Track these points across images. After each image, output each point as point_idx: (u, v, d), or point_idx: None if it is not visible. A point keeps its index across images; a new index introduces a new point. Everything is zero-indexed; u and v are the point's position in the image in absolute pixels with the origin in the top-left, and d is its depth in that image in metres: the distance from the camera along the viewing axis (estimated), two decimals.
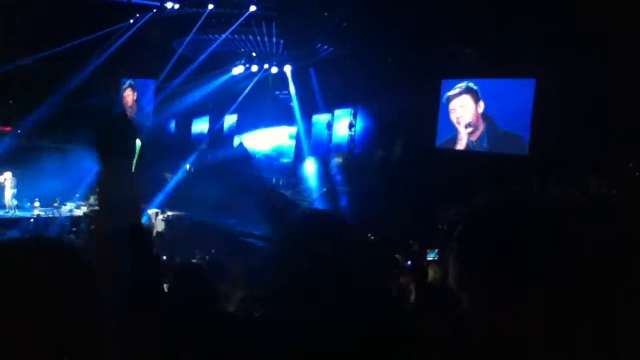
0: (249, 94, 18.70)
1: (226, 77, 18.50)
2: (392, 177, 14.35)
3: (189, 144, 20.32)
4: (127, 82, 20.74)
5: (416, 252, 9.58)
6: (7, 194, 15.67)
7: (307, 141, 17.83)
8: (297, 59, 16.57)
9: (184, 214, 15.65)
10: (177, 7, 15.56)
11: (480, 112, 13.96)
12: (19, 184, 15.64)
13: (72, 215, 15.39)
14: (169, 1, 15.55)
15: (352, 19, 14.27)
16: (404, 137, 15.20)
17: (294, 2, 14.16)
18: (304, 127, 17.87)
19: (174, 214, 15.71)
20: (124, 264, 1.20)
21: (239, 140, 19.27)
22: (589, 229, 1.28)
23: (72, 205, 16.07)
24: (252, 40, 16.35)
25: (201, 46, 17.02)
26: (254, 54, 17.84)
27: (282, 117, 18.62)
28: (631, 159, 10.64)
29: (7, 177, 15.55)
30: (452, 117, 14.41)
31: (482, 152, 13.93)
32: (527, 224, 1.21)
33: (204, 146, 20.08)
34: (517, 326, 1.12)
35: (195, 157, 19.19)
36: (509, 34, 11.76)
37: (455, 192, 10.53)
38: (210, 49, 16.84)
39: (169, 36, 17.08)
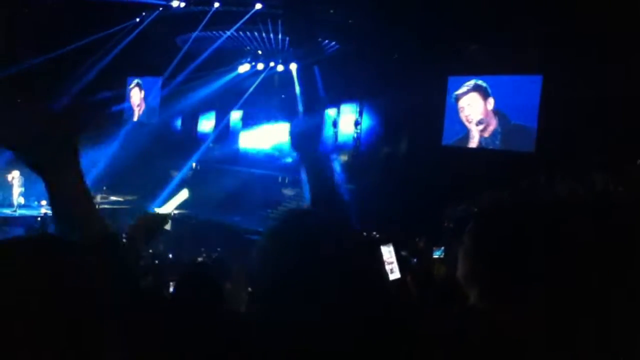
0: (254, 91, 18.71)
1: (232, 75, 18.52)
2: (398, 175, 14.32)
3: (195, 141, 20.34)
4: (134, 81, 20.78)
5: (422, 250, 9.54)
6: (14, 193, 15.89)
7: None
8: (302, 56, 16.53)
9: (190, 212, 15.67)
10: (183, 5, 15.56)
11: (490, 108, 13.90)
12: (27, 183, 15.73)
13: None
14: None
15: (358, 16, 14.23)
16: (410, 135, 15.16)
17: None
18: None
19: (180, 212, 15.72)
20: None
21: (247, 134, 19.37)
22: (594, 227, 1.28)
23: None
24: (258, 37, 16.34)
25: (207, 44, 17.03)
26: (259, 52, 17.84)
27: (288, 113, 18.58)
28: (638, 156, 10.57)
29: (15, 175, 15.68)
30: (462, 116, 14.36)
31: (487, 149, 13.89)
32: (535, 221, 1.23)
33: (210, 144, 20.12)
34: (521, 324, 1.13)
35: (201, 155, 19.24)
36: (512, 33, 11.71)
37: (461, 190, 10.51)
38: (215, 45, 16.83)
39: (175, 34, 17.09)
